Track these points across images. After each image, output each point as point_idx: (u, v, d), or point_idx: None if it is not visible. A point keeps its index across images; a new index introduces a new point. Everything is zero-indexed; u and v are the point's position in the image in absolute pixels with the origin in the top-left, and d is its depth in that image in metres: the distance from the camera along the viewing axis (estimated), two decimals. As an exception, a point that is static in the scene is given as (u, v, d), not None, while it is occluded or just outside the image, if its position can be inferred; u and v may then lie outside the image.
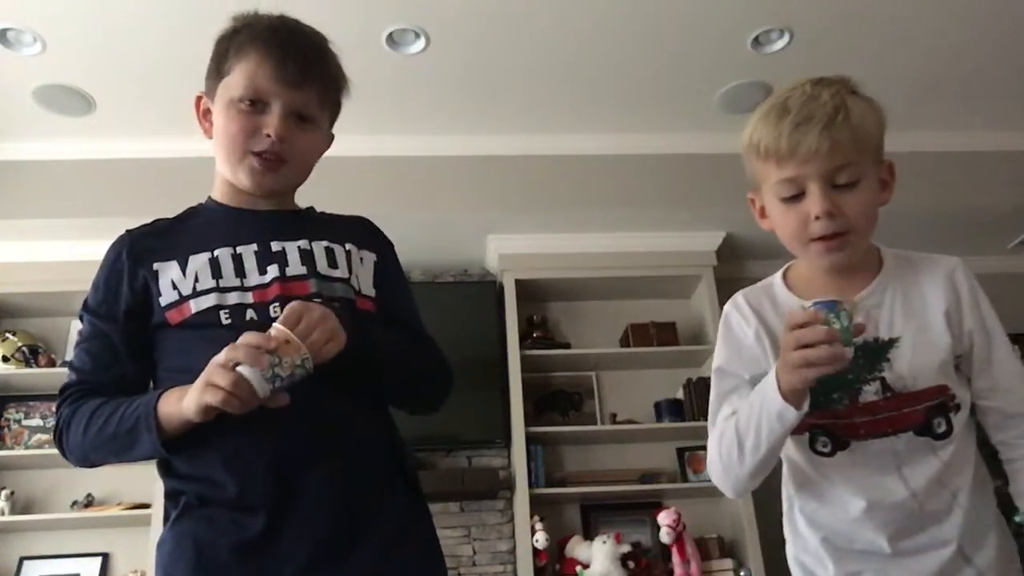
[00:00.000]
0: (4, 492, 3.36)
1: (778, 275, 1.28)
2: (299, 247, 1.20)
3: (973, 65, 3.43)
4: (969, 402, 1.19)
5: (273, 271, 1.17)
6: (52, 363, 3.61)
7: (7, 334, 3.61)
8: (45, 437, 3.56)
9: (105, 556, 3.43)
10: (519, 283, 3.82)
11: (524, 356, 3.71)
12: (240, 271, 1.16)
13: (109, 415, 1.10)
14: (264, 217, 1.24)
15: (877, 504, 1.15)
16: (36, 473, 3.51)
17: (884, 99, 1.24)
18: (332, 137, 1.32)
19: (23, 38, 2.97)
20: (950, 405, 1.16)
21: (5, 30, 2.93)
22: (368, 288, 1.24)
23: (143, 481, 3.28)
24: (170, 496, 1.14)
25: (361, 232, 1.31)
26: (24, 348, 3.58)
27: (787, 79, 1.25)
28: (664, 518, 3.45)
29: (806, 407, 1.08)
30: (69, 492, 3.47)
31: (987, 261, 4.27)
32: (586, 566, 3.39)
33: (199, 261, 1.16)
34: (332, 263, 1.21)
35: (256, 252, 1.18)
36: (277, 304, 1.13)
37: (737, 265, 3.96)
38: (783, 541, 1.31)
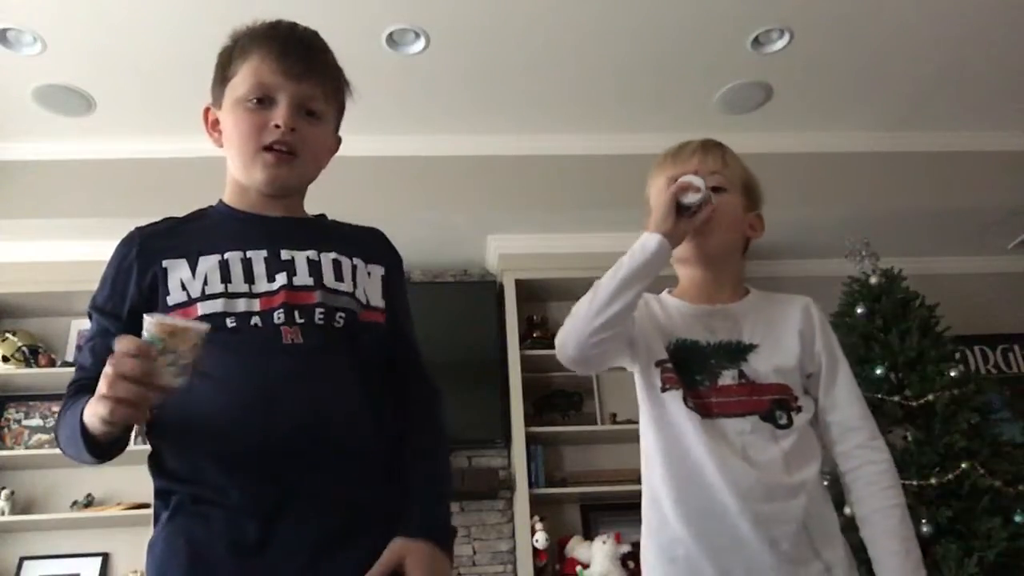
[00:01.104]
0: (4, 492, 3.36)
1: (664, 292, 1.53)
2: (308, 257, 1.20)
3: (973, 65, 3.43)
4: (812, 410, 1.38)
5: (281, 279, 1.16)
6: (52, 363, 3.61)
7: (7, 334, 3.61)
8: (45, 437, 3.56)
9: (105, 556, 3.43)
10: (519, 283, 3.83)
11: (524, 356, 3.71)
12: (249, 276, 1.16)
13: (71, 415, 1.07)
14: (275, 223, 1.24)
15: (727, 473, 1.29)
16: (36, 473, 3.50)
17: (884, 99, 1.25)
18: (339, 140, 1.33)
19: (23, 38, 2.97)
20: (792, 405, 1.36)
21: (5, 30, 2.93)
22: (377, 300, 1.24)
23: (143, 481, 3.22)
24: (160, 495, 1.12)
25: (372, 244, 1.31)
26: (24, 348, 3.58)
27: (787, 79, 1.27)
28: (664, 518, 3.44)
29: (667, 232, 1.34)
30: (69, 492, 3.47)
31: (987, 261, 4.28)
32: (586, 566, 3.39)
33: (209, 263, 1.16)
34: (338, 276, 1.20)
35: (266, 259, 1.18)
36: (282, 311, 1.13)
37: (737, 265, 3.96)
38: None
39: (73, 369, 1.20)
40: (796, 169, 3.77)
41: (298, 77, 1.20)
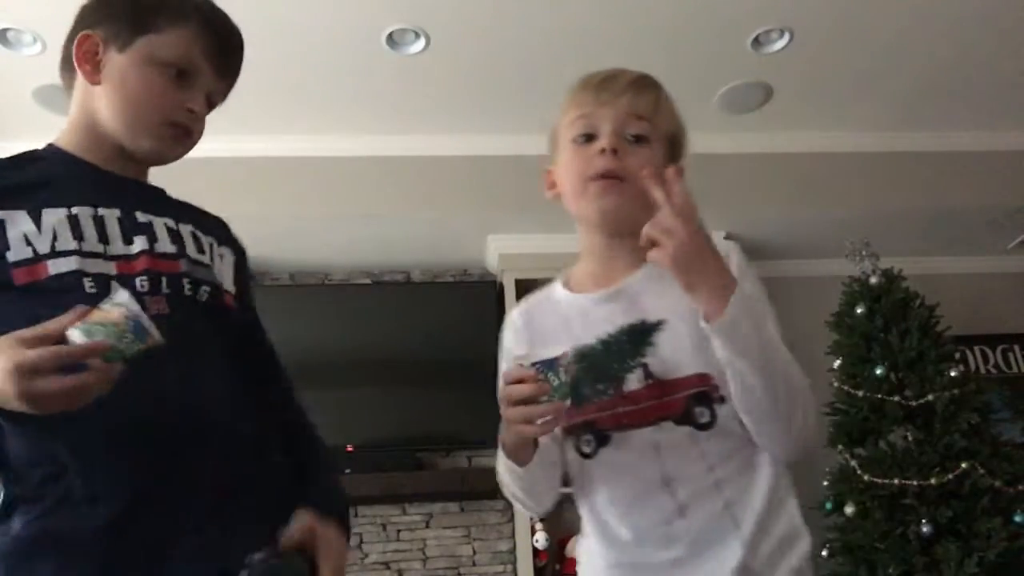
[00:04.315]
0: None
1: (556, 281, 1.32)
2: (166, 224, 1.12)
3: (973, 65, 3.43)
4: None
5: (141, 243, 1.06)
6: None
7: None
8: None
9: (105, 556, 3.43)
10: (519, 283, 3.82)
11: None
12: (103, 236, 1.04)
13: None
14: (128, 184, 1.15)
15: (635, 504, 1.14)
16: (36, 473, 3.50)
17: (884, 99, 1.25)
18: None
19: (23, 38, 2.97)
20: (714, 396, 1.12)
21: (5, 30, 2.93)
22: (229, 284, 1.17)
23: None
24: None
25: (221, 230, 1.25)
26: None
27: (787, 79, 1.26)
28: (664, 518, 3.44)
29: (536, 459, 1.11)
30: (69, 492, 3.47)
31: (987, 261, 4.27)
32: (586, 566, 3.39)
33: (55, 215, 1.02)
34: (200, 249, 1.14)
35: (120, 219, 1.07)
36: (145, 278, 1.03)
37: (737, 265, 3.96)
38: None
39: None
40: (796, 169, 3.76)
41: (221, 73, 1.18)
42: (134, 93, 1.11)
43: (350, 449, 3.46)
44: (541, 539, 3.39)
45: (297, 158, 3.51)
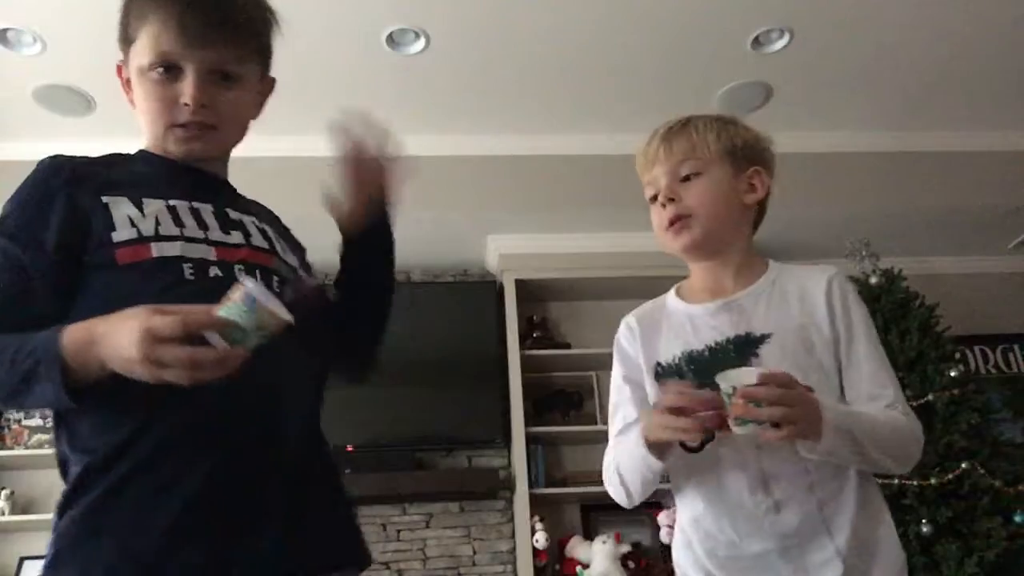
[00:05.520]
0: (4, 492, 3.36)
1: (671, 291, 1.41)
2: (254, 223, 1.14)
3: (973, 65, 3.43)
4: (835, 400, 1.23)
5: (238, 236, 1.08)
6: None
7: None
8: (45, 437, 3.55)
9: (105, 556, 3.43)
10: (519, 283, 3.82)
11: (524, 356, 3.71)
12: (202, 224, 1.06)
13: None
14: (215, 181, 1.17)
15: (733, 499, 1.22)
16: (36, 473, 3.50)
17: (884, 99, 1.26)
18: (273, 81, 1.22)
19: (23, 38, 2.97)
20: None
21: (5, 30, 2.93)
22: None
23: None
24: (92, 469, 0.95)
25: (287, 231, 1.28)
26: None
27: (787, 79, 1.27)
28: (664, 518, 3.45)
29: (669, 459, 1.20)
30: (69, 492, 3.47)
31: (987, 261, 4.28)
32: (586, 566, 3.39)
33: (156, 205, 1.04)
34: (284, 249, 1.17)
35: (214, 213, 1.09)
36: (242, 267, 1.05)
37: (737, 265, 3.96)
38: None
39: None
40: (796, 169, 3.75)
41: (203, 43, 1.06)
42: (142, 108, 1.12)
43: (350, 449, 3.46)
44: (541, 539, 3.39)
45: (297, 158, 3.52)
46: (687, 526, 1.29)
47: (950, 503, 2.88)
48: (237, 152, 1.23)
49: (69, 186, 1.02)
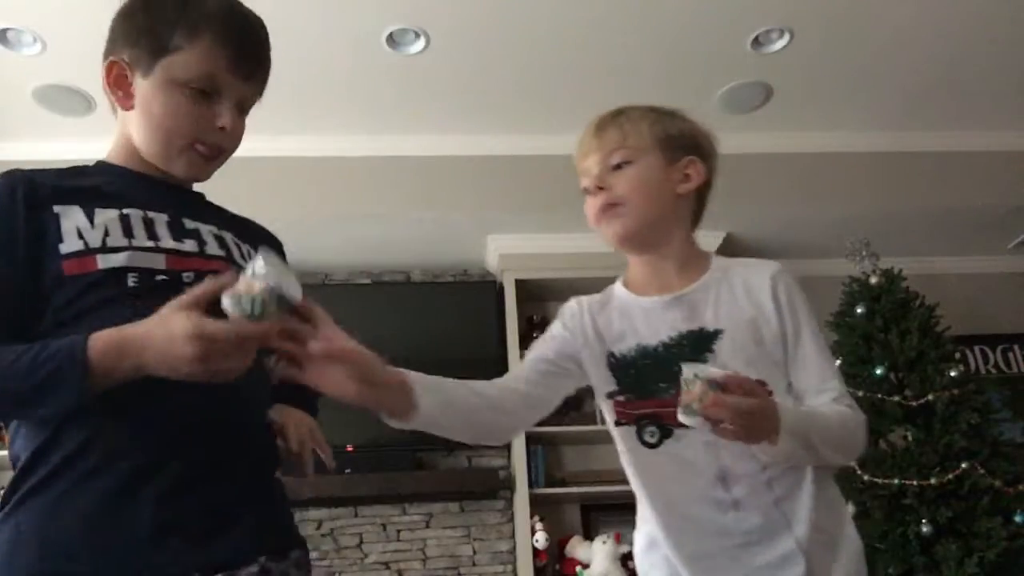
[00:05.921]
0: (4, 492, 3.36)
1: (616, 283, 1.42)
2: (212, 231, 1.14)
3: (973, 65, 3.43)
4: (784, 391, 1.25)
5: (191, 245, 1.09)
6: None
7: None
8: (45, 437, 3.56)
9: (105, 556, 3.42)
10: (519, 283, 3.82)
11: (524, 356, 3.70)
12: (152, 235, 1.07)
13: (15, 359, 0.93)
14: (176, 191, 1.17)
15: (692, 495, 1.23)
16: (36, 473, 3.50)
17: (884, 99, 1.25)
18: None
19: (23, 38, 2.97)
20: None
21: (5, 30, 2.93)
22: None
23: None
24: (38, 456, 0.99)
25: (260, 236, 1.26)
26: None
27: (787, 79, 1.27)
28: (664, 518, 3.44)
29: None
30: (69, 492, 3.47)
31: (987, 261, 4.28)
32: (586, 566, 3.39)
33: (107, 215, 1.05)
34: (242, 256, 1.16)
35: (168, 223, 1.10)
36: (192, 274, 1.05)
37: (737, 265, 3.96)
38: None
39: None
40: (796, 169, 3.76)
41: (247, 76, 1.13)
42: (160, 119, 1.11)
43: (350, 449, 3.46)
44: (541, 539, 3.39)
45: (297, 158, 3.52)
46: (651, 526, 1.29)
47: (950, 503, 2.88)
48: (237, 152, 1.23)
49: (26, 199, 1.04)
